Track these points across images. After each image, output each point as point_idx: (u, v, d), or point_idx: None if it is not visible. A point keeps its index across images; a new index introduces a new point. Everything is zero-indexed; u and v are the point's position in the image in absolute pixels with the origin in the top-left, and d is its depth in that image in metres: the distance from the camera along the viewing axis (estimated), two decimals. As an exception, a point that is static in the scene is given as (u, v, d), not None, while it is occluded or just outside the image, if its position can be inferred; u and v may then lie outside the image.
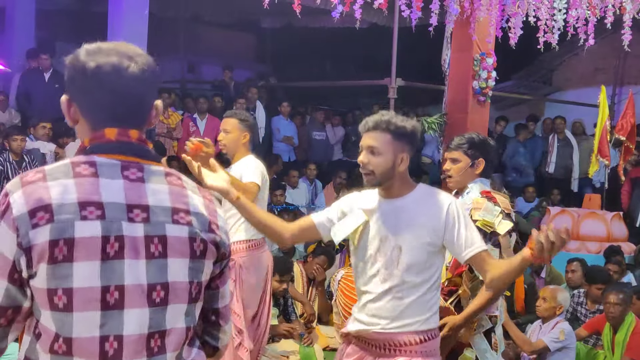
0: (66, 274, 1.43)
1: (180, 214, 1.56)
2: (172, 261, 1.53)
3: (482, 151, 3.30)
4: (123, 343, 1.48)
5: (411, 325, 2.58)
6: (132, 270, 1.48)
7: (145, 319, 1.50)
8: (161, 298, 1.51)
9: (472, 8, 6.81)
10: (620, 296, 5.12)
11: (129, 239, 1.48)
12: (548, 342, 4.88)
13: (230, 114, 4.34)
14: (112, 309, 1.46)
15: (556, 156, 10.06)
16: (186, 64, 12.39)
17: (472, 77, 7.24)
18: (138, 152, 1.57)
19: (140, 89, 1.60)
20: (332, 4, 5.71)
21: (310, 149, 10.39)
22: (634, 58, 10.93)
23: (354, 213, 2.66)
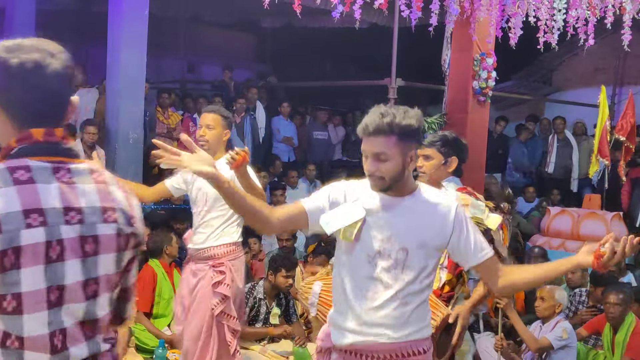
0: (15, 280, 1.50)
1: (109, 212, 1.66)
2: (103, 257, 1.64)
3: (455, 149, 3.33)
4: (67, 335, 1.60)
5: (416, 333, 2.42)
6: (71, 269, 1.58)
7: (81, 312, 1.62)
8: (94, 291, 1.64)
9: (472, 8, 6.82)
10: (620, 296, 5.13)
11: (67, 241, 1.57)
12: (552, 340, 4.90)
13: (212, 109, 4.17)
14: (56, 307, 1.56)
15: (556, 156, 10.07)
16: (186, 64, 12.39)
17: (472, 77, 7.24)
18: (64, 152, 1.63)
19: (62, 86, 1.63)
20: (332, 4, 5.72)
21: (310, 149, 10.39)
22: (633, 58, 10.93)
23: (352, 206, 2.41)
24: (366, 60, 13.25)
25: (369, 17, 8.73)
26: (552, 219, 8.14)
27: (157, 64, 11.35)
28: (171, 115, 8.76)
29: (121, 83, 6.70)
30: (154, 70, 10.76)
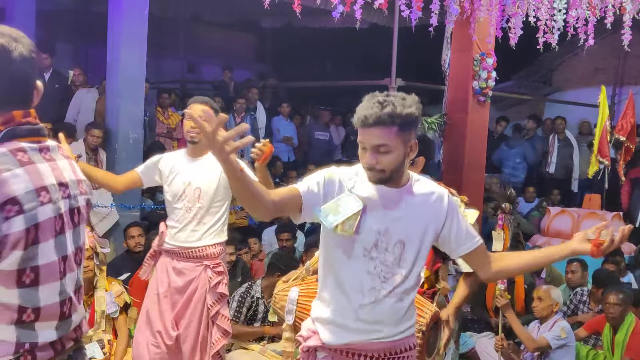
0: (34, 254, 1.62)
1: (81, 184, 1.83)
2: (82, 226, 1.82)
3: (422, 148, 3.23)
4: (72, 302, 1.76)
5: (409, 329, 2.39)
6: (69, 240, 1.74)
7: (75, 280, 1.79)
8: (80, 259, 1.82)
9: (472, 8, 6.81)
10: (620, 296, 5.13)
11: (65, 214, 1.72)
12: (550, 339, 4.91)
13: (203, 100, 3.96)
14: (64, 277, 1.72)
15: (556, 156, 10.07)
16: (186, 64, 12.39)
17: (472, 77, 7.24)
18: (41, 132, 1.76)
19: (28, 70, 1.69)
20: (333, 4, 5.71)
21: (311, 149, 10.39)
22: (633, 58, 10.93)
23: (349, 197, 2.27)
24: (366, 60, 13.25)
25: (369, 17, 8.73)
26: (552, 219, 8.14)
27: (157, 64, 11.35)
28: (171, 115, 8.75)
29: (121, 83, 6.70)
30: (154, 70, 10.76)
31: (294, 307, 3.24)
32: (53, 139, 6.30)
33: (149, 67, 7.09)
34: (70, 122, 7.61)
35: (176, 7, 10.95)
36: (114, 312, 4.86)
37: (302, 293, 3.26)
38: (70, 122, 7.66)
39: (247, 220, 8.00)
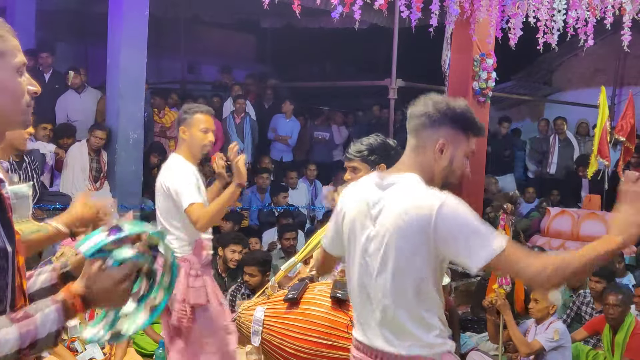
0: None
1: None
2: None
3: (383, 155, 3.13)
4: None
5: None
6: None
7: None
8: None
9: (472, 9, 6.82)
10: (620, 297, 5.13)
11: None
12: (543, 342, 4.90)
13: (212, 112, 3.97)
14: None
15: (557, 157, 10.07)
16: (186, 65, 12.39)
17: (472, 77, 7.24)
18: None
19: None
20: (332, 4, 5.71)
21: (312, 149, 10.38)
22: (633, 59, 10.93)
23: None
24: (366, 60, 13.26)
25: (369, 17, 8.74)
26: (552, 219, 8.14)
27: (157, 65, 11.35)
28: (166, 114, 8.75)
29: (121, 83, 6.71)
30: (154, 71, 10.76)
31: (260, 328, 3.08)
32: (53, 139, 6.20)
33: (149, 68, 7.10)
34: (70, 123, 7.61)
35: (176, 8, 10.96)
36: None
37: (268, 313, 3.11)
38: (70, 122, 7.66)
39: (248, 220, 8.01)
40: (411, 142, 2.23)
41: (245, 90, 10.42)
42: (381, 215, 2.16)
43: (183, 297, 3.65)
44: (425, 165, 2.19)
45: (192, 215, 3.59)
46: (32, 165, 6.46)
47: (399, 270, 2.12)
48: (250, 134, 9.26)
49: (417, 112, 2.21)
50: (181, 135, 3.83)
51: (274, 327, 3.06)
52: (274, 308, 3.11)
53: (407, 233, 2.08)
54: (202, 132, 3.78)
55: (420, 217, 2.05)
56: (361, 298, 2.26)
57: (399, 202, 2.12)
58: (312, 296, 3.06)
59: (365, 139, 3.25)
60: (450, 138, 2.18)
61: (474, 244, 2.01)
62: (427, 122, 2.18)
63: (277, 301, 3.15)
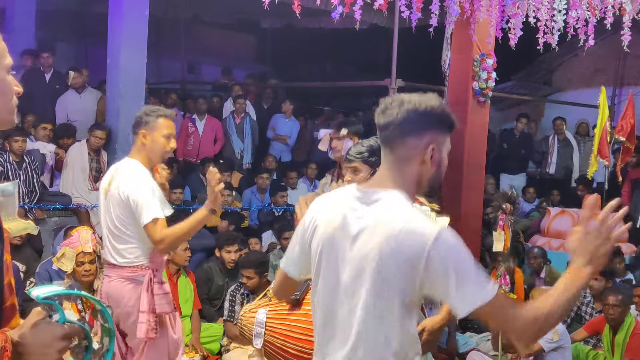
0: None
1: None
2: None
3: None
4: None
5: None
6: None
7: None
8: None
9: (472, 9, 6.81)
10: (619, 297, 5.13)
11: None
12: (542, 342, 4.90)
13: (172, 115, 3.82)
14: None
15: (556, 157, 10.07)
16: (186, 65, 12.40)
17: (472, 77, 7.24)
18: None
19: None
20: (332, 4, 5.71)
21: (313, 149, 10.37)
22: (633, 59, 10.92)
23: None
24: (366, 60, 13.26)
25: (369, 17, 8.74)
26: (552, 219, 8.14)
27: (157, 65, 11.35)
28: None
29: (121, 83, 6.71)
30: (154, 71, 10.76)
31: (262, 330, 3.05)
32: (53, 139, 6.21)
33: (149, 68, 7.10)
34: (71, 123, 7.61)
35: (176, 8, 10.96)
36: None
37: (270, 315, 3.07)
38: (70, 123, 7.66)
39: (247, 220, 8.01)
40: (393, 154, 1.99)
41: (245, 90, 10.42)
42: (363, 234, 1.93)
43: (149, 307, 3.45)
44: (412, 177, 1.98)
45: (154, 233, 3.39)
46: (32, 165, 6.46)
47: (378, 298, 1.90)
48: (250, 134, 9.26)
49: (394, 119, 1.95)
50: (141, 139, 3.57)
51: (276, 329, 3.04)
52: (276, 310, 3.09)
53: (394, 260, 1.86)
54: (165, 137, 3.56)
55: (412, 247, 1.85)
56: (327, 326, 2.02)
57: (387, 224, 1.89)
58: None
59: (366, 141, 3.24)
60: (437, 141, 1.97)
61: (466, 286, 1.83)
62: (409, 129, 1.95)
63: (279, 303, 3.12)
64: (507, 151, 10.25)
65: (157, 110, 3.64)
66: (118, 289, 3.54)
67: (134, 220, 3.48)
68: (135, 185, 3.46)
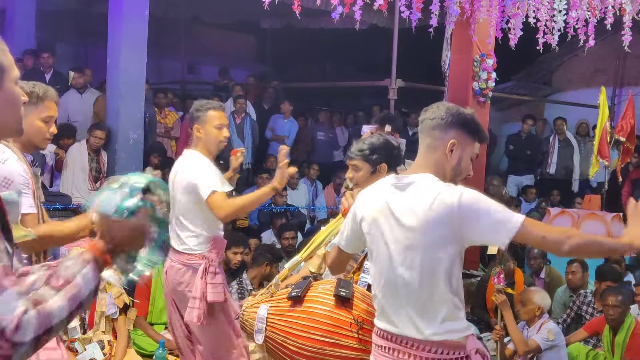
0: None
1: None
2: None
3: (384, 154, 3.16)
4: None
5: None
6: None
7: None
8: None
9: (472, 9, 6.82)
10: (619, 298, 5.12)
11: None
12: (539, 341, 4.91)
13: (223, 107, 4.14)
14: None
15: (557, 157, 10.06)
16: (186, 65, 12.40)
17: (472, 78, 7.25)
18: None
19: None
20: (332, 5, 5.72)
21: (313, 150, 10.38)
22: (633, 59, 10.93)
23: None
24: (366, 61, 13.26)
25: (369, 18, 8.74)
26: (552, 219, 8.13)
27: (157, 65, 11.36)
28: (168, 114, 8.76)
29: (121, 84, 6.71)
30: (154, 71, 10.77)
31: (263, 326, 3.08)
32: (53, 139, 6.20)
33: (149, 68, 7.10)
34: (70, 124, 7.61)
35: (176, 8, 10.97)
36: (113, 313, 4.86)
37: (271, 310, 3.10)
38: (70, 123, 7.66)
39: (247, 221, 8.01)
40: (424, 143, 2.42)
41: (245, 90, 10.42)
42: (405, 212, 2.34)
43: (201, 294, 3.65)
44: (438, 164, 2.40)
45: (214, 202, 3.61)
46: (32, 165, 6.46)
47: (429, 261, 2.29)
48: (251, 134, 9.26)
49: (431, 115, 2.41)
50: (196, 134, 3.83)
51: (277, 325, 3.05)
52: (278, 306, 3.09)
53: (433, 227, 2.27)
54: (216, 128, 3.81)
55: (444, 209, 2.25)
56: (389, 289, 2.41)
57: (422, 199, 2.30)
58: (315, 294, 3.04)
59: (368, 138, 3.26)
60: (459, 139, 2.39)
61: (496, 222, 2.23)
62: (440, 124, 2.39)
63: (280, 299, 3.12)
64: (513, 152, 10.23)
65: (206, 104, 3.88)
66: (178, 272, 3.80)
67: (196, 203, 3.69)
68: (193, 168, 3.71)
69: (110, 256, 1.60)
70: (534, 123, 10.42)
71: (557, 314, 6.12)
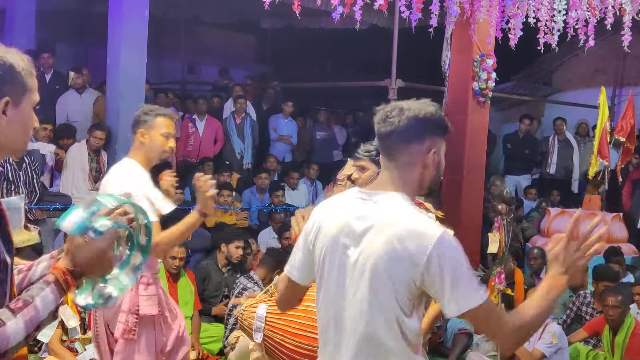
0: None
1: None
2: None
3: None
4: None
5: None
6: None
7: None
8: None
9: (472, 9, 6.82)
10: (619, 298, 5.12)
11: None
12: (543, 349, 4.87)
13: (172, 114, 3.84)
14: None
15: (557, 157, 10.06)
16: (186, 65, 12.39)
17: (472, 78, 7.24)
18: None
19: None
20: (333, 5, 5.72)
21: (313, 150, 10.38)
22: (633, 59, 10.92)
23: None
24: (366, 61, 13.26)
25: (369, 18, 8.73)
26: (552, 219, 8.14)
27: (157, 65, 11.35)
28: (168, 115, 8.75)
29: (121, 84, 6.71)
30: (154, 71, 10.76)
31: (262, 325, 3.08)
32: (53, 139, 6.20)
33: (149, 68, 7.10)
34: (70, 124, 7.61)
35: (176, 8, 10.96)
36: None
37: (270, 310, 3.09)
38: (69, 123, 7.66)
39: (248, 221, 8.01)
40: (395, 160, 2.05)
41: (245, 90, 10.42)
42: (368, 234, 1.99)
43: (130, 307, 3.36)
44: (414, 181, 2.06)
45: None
46: (32, 165, 6.46)
47: (382, 296, 1.96)
48: (251, 134, 9.26)
49: (396, 128, 2.03)
50: (139, 138, 3.53)
51: (275, 324, 3.06)
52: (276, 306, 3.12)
53: (397, 260, 1.93)
54: (163, 136, 3.53)
55: (415, 247, 1.92)
56: (331, 328, 2.07)
57: (392, 225, 1.96)
58: (314, 293, 3.06)
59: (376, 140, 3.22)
60: (436, 145, 2.07)
61: (460, 290, 1.90)
62: (412, 136, 2.03)
63: None
64: (511, 152, 10.22)
65: (156, 109, 3.64)
66: None
67: None
68: (131, 184, 3.33)
69: (73, 277, 1.58)
70: (530, 122, 10.41)
71: (557, 315, 6.12)
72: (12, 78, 1.61)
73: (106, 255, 1.59)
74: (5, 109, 1.58)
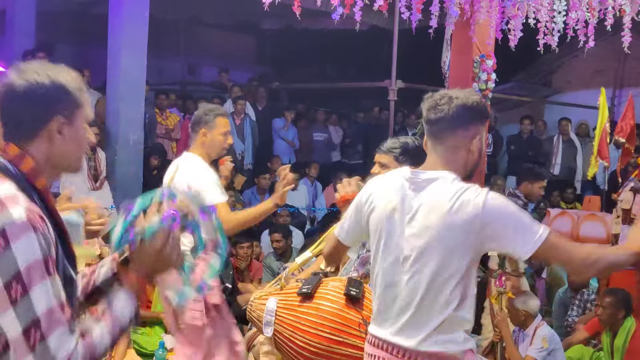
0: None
1: None
2: None
3: (414, 159, 2.98)
4: None
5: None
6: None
7: None
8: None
9: (472, 10, 6.82)
10: (610, 300, 5.07)
11: None
12: (535, 354, 4.79)
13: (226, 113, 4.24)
14: None
15: (561, 158, 10.04)
16: (186, 66, 12.40)
17: (472, 79, 7.24)
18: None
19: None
20: (332, 5, 5.72)
21: (311, 150, 10.39)
22: (633, 60, 10.92)
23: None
24: (366, 62, 13.26)
25: (369, 19, 8.74)
26: (552, 220, 8.13)
27: (157, 66, 11.36)
28: (169, 116, 8.76)
29: (121, 85, 6.72)
30: (154, 72, 10.77)
31: (272, 319, 3.07)
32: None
33: (149, 69, 7.10)
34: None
35: (176, 9, 10.96)
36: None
37: (280, 304, 3.08)
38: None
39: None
40: (443, 145, 2.27)
41: (245, 91, 10.43)
42: (421, 210, 2.20)
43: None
44: (460, 163, 2.28)
45: (218, 214, 3.51)
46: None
47: (439, 267, 2.16)
48: (251, 135, 9.27)
49: (445, 115, 2.24)
50: (201, 137, 3.85)
51: (285, 319, 3.05)
52: (287, 300, 3.09)
53: (453, 230, 2.14)
54: (222, 135, 3.89)
55: (467, 214, 2.13)
56: (387, 293, 2.27)
57: (444, 200, 2.17)
58: (325, 292, 3.04)
59: (403, 138, 3.22)
60: (479, 132, 2.30)
61: (523, 233, 2.11)
62: (459, 123, 2.25)
63: (290, 293, 3.12)
64: (514, 153, 10.21)
65: (215, 110, 3.98)
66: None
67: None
68: (197, 175, 3.70)
69: (146, 281, 1.68)
70: (531, 123, 10.39)
71: (557, 315, 6.11)
72: (65, 97, 1.65)
73: (165, 251, 1.64)
74: (61, 127, 1.62)
